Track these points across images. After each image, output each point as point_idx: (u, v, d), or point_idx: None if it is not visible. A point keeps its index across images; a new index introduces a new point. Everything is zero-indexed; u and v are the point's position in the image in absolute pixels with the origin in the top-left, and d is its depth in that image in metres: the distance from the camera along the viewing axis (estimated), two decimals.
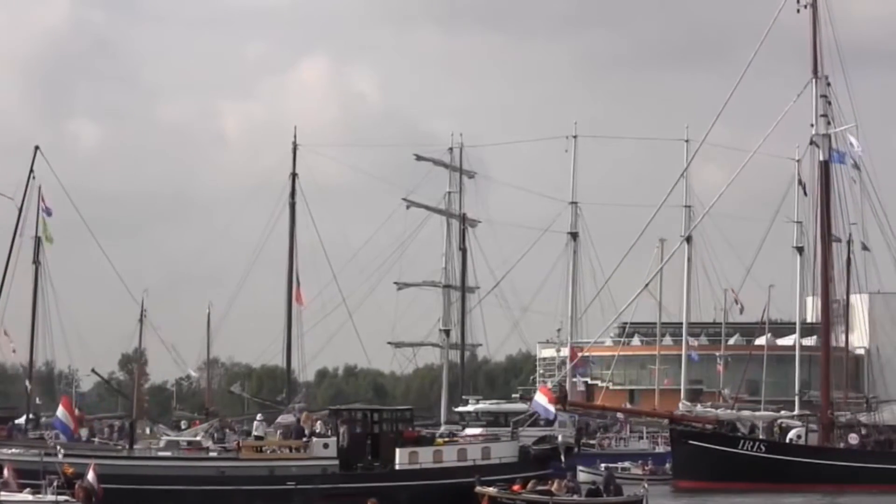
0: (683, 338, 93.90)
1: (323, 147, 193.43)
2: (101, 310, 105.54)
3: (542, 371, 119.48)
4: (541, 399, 59.51)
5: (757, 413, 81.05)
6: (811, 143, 71.29)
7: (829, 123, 71.21)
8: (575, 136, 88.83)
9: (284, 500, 52.53)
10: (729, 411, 79.30)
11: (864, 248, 76.04)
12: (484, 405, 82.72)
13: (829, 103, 71.09)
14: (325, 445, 54.31)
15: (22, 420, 72.14)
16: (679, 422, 70.19)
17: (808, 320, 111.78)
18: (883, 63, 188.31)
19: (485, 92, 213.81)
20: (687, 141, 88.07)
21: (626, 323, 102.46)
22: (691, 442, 67.11)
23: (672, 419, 71.34)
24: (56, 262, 70.33)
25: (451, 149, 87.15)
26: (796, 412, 77.19)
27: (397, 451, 54.51)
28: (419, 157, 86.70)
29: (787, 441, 71.54)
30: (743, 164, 71.59)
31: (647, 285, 73.44)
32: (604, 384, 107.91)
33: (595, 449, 78.89)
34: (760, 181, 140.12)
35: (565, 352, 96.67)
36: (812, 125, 71.39)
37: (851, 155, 70.86)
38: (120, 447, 57.53)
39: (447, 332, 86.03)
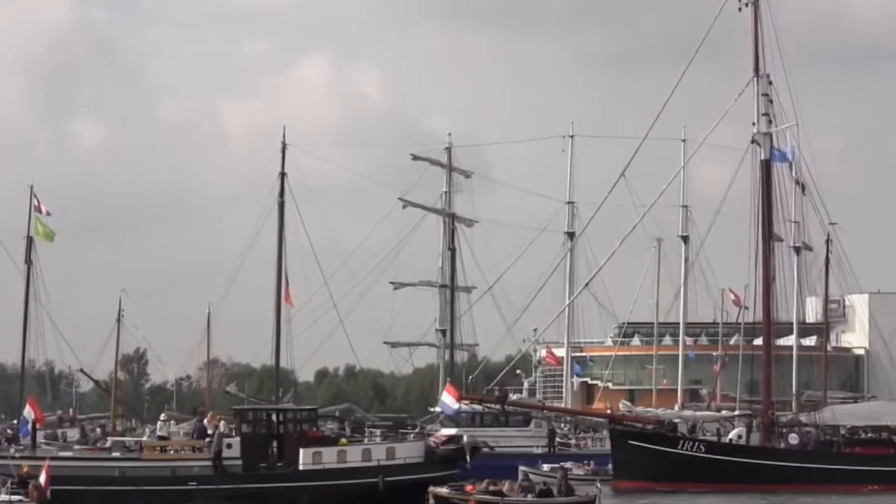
0: (681, 338, 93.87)
1: (323, 147, 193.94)
2: (99, 310, 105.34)
3: (541, 371, 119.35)
4: (446, 398, 59.77)
5: (699, 413, 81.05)
6: (752, 141, 70.97)
7: (770, 122, 70.97)
8: (572, 136, 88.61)
9: (186, 500, 52.31)
10: (670, 411, 79.27)
11: (806, 247, 75.88)
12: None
13: (771, 102, 70.81)
14: (229, 445, 54.09)
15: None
16: (619, 422, 70.20)
17: (808, 320, 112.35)
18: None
19: (486, 91, 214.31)
20: (684, 140, 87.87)
21: (625, 323, 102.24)
22: (631, 442, 66.81)
23: (612, 419, 71.30)
24: (53, 263, 70.47)
25: (447, 148, 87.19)
26: (737, 412, 77.03)
27: (301, 451, 54.03)
28: (415, 157, 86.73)
29: (728, 441, 71.53)
30: (689, 157, 71.06)
31: (586, 285, 72.61)
32: (603, 384, 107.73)
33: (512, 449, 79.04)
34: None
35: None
36: (753, 124, 71.06)
37: (792, 154, 70.74)
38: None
39: (444, 332, 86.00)
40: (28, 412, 56.50)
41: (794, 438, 69.35)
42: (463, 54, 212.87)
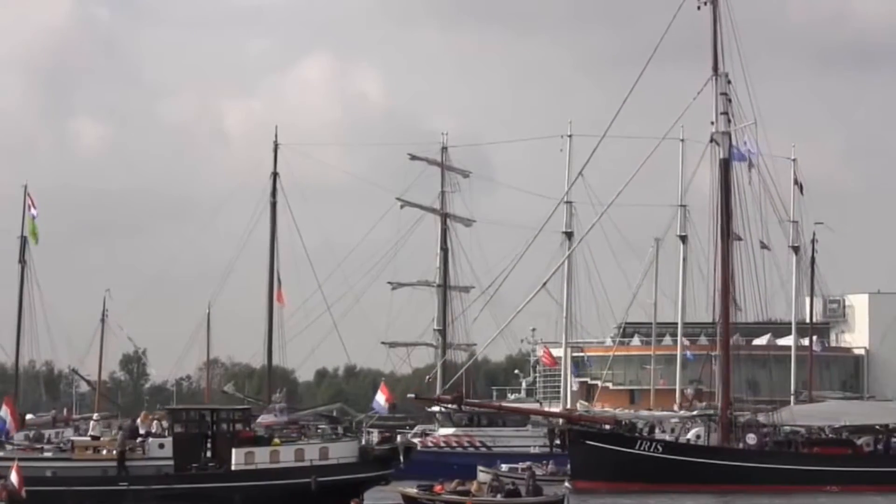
0: (678, 338, 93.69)
1: (323, 146, 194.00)
2: (97, 310, 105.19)
3: (541, 371, 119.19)
4: (379, 398, 60.13)
5: (656, 413, 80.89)
6: (711, 140, 70.84)
7: (729, 121, 70.80)
8: (570, 136, 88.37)
9: (117, 501, 52.16)
10: (627, 411, 79.08)
11: (764, 246, 76.01)
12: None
13: (730, 101, 70.63)
14: (161, 446, 53.93)
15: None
16: (576, 422, 69.95)
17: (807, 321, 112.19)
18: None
19: (488, 90, 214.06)
20: (682, 140, 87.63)
21: (624, 323, 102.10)
22: (588, 442, 66.76)
23: (569, 419, 71.12)
24: (53, 263, 70.58)
25: (443, 148, 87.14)
26: (695, 412, 77.06)
27: (233, 451, 53.77)
28: (413, 157, 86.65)
29: (686, 441, 71.43)
30: (648, 155, 71.04)
31: (544, 284, 72.40)
32: (603, 384, 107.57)
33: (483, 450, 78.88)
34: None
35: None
36: (712, 123, 70.87)
37: (750, 153, 70.64)
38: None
39: (441, 332, 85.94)
40: (4, 412, 56.42)
41: (751, 438, 69.25)
42: (464, 53, 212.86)
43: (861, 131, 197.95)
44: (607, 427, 69.00)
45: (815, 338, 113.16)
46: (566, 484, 50.19)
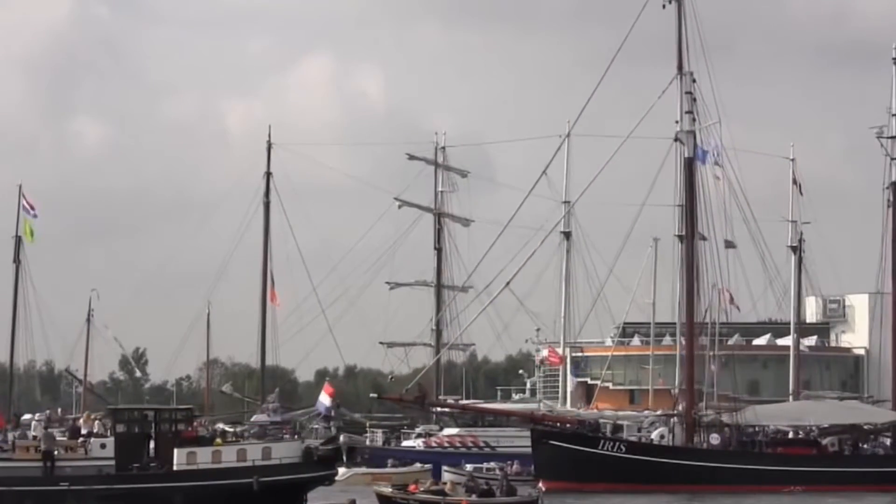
0: (677, 338, 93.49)
1: (322, 146, 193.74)
2: (97, 309, 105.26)
3: (541, 371, 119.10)
4: (322, 397, 60.58)
5: (620, 413, 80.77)
6: (675, 139, 70.74)
7: (694, 120, 70.67)
8: (568, 135, 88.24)
9: (58, 501, 51.99)
10: (591, 411, 78.94)
11: (730, 245, 75.95)
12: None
13: (695, 100, 70.51)
14: (103, 446, 53.88)
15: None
16: (539, 422, 69.73)
17: (808, 321, 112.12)
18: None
19: (490, 90, 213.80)
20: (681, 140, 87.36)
21: (623, 323, 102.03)
22: (551, 442, 66.63)
23: (533, 419, 71.01)
24: (53, 262, 70.59)
25: (443, 148, 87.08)
26: (659, 412, 76.88)
27: (175, 451, 53.67)
28: (411, 157, 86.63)
29: (650, 441, 71.17)
30: (614, 151, 70.95)
31: (512, 278, 72.12)
32: (603, 384, 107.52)
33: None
34: (756, 179, 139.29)
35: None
36: (677, 122, 70.74)
37: (715, 152, 70.54)
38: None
39: (436, 332, 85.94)
40: None
41: (715, 439, 69.10)
42: (466, 52, 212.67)
43: (862, 129, 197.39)
44: (570, 427, 68.85)
45: (815, 337, 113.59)
46: (539, 484, 50.07)
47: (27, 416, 75.93)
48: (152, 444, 54.05)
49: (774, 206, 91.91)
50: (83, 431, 55.26)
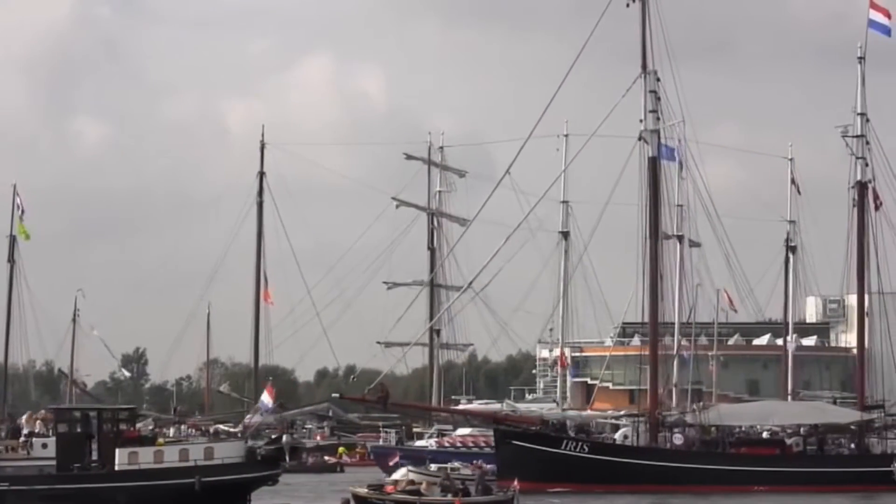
0: (676, 338, 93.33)
1: (322, 146, 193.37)
2: (96, 309, 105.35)
3: (541, 370, 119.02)
4: (264, 397, 60.66)
5: (584, 412, 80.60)
6: (640, 138, 70.66)
7: (658, 119, 70.54)
8: (566, 135, 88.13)
9: None
10: (555, 411, 78.73)
11: (694, 244, 75.67)
12: (476, 405, 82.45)
13: (659, 99, 70.32)
14: (44, 445, 53.85)
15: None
16: (502, 422, 69.59)
17: (808, 321, 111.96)
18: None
19: (490, 89, 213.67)
20: (679, 140, 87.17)
21: (623, 323, 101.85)
22: (514, 442, 66.41)
23: (496, 419, 70.85)
24: (53, 262, 70.58)
25: (440, 147, 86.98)
26: (623, 412, 76.66)
27: (117, 451, 53.60)
28: (408, 157, 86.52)
29: (614, 441, 70.96)
30: (582, 145, 71.00)
31: (479, 274, 71.77)
32: (602, 384, 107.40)
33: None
34: (756, 179, 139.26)
35: (556, 352, 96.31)
36: (641, 121, 70.58)
37: (678, 151, 70.51)
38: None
39: (437, 332, 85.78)
40: None
41: (678, 438, 68.93)
42: (466, 52, 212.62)
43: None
44: (533, 427, 68.71)
45: (815, 337, 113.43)
46: (515, 484, 49.94)
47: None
48: (95, 445, 53.92)
49: (772, 205, 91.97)
50: (25, 431, 55.25)
